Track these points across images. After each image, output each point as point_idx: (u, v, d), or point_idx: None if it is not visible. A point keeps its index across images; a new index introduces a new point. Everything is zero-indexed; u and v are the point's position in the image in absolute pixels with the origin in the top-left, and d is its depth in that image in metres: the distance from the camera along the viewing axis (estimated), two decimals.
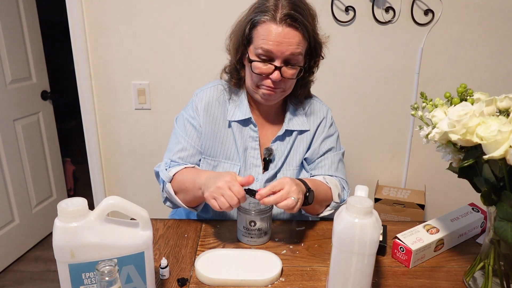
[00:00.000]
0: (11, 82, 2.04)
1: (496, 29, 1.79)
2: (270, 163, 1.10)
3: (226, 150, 1.10)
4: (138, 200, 2.09)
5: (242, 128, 1.09)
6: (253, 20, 0.98)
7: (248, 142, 1.10)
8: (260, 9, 0.97)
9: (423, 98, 0.80)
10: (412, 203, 1.82)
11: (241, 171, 1.09)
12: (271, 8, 0.96)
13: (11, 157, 2.08)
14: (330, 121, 1.16)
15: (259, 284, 0.82)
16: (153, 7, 1.79)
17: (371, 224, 0.68)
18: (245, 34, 1.00)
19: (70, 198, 0.66)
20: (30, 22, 2.14)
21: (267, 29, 0.95)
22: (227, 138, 1.10)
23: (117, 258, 0.67)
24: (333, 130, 1.17)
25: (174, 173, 1.05)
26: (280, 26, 0.94)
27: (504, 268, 0.76)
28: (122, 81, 1.90)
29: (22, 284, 2.03)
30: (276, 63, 0.97)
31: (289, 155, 1.12)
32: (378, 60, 1.85)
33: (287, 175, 1.11)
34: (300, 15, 0.95)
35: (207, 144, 1.10)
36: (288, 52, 0.95)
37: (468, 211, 1.03)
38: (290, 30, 0.95)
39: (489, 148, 0.64)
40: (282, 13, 0.94)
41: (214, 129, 1.09)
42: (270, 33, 0.95)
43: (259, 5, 0.99)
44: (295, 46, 0.96)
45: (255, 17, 0.97)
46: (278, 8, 0.95)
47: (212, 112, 1.09)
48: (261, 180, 1.09)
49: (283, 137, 1.11)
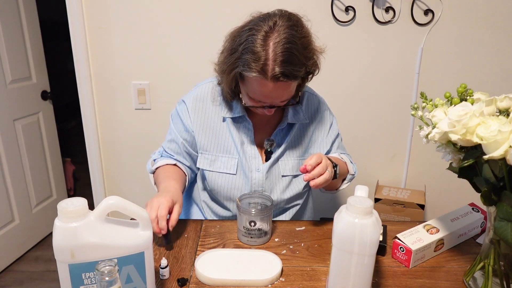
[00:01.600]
0: (11, 82, 2.04)
1: (496, 29, 1.79)
2: (271, 154, 1.11)
3: (222, 144, 1.11)
4: (138, 200, 2.08)
5: (237, 124, 1.11)
6: (241, 72, 0.91)
7: (244, 137, 1.11)
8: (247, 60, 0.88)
9: (423, 98, 0.80)
10: (412, 203, 1.82)
11: (241, 162, 1.10)
12: (261, 61, 0.86)
13: (11, 157, 2.08)
14: (326, 109, 1.19)
15: (259, 284, 0.82)
16: (153, 7, 1.79)
17: (371, 224, 0.68)
18: (235, 80, 0.98)
19: (70, 198, 0.66)
20: (30, 22, 2.14)
21: (257, 85, 0.91)
22: (222, 133, 1.11)
23: (117, 258, 0.67)
24: (331, 117, 1.20)
25: (157, 167, 1.13)
26: (271, 82, 0.89)
27: (504, 268, 0.76)
28: (122, 81, 1.90)
29: (22, 284, 2.03)
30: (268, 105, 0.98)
31: (290, 143, 1.13)
32: (378, 60, 1.85)
33: (289, 164, 1.13)
34: (294, 66, 0.88)
35: (202, 140, 1.11)
36: (280, 100, 0.97)
37: (468, 211, 1.03)
38: (282, 84, 0.90)
39: (489, 148, 0.64)
40: (274, 71, 0.86)
41: (207, 125, 1.11)
42: (261, 90, 0.92)
43: (247, 46, 0.88)
44: (287, 96, 0.96)
45: (242, 70, 0.90)
46: (268, 60, 0.86)
47: (204, 109, 1.11)
48: (262, 170, 1.10)
49: (284, 129, 1.13)
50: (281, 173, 1.12)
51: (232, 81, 0.99)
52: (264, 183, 1.10)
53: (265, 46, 0.87)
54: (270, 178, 1.11)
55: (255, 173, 1.10)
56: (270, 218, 0.98)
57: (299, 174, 1.14)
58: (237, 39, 0.92)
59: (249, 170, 1.10)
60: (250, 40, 0.88)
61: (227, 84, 1.01)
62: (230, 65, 0.94)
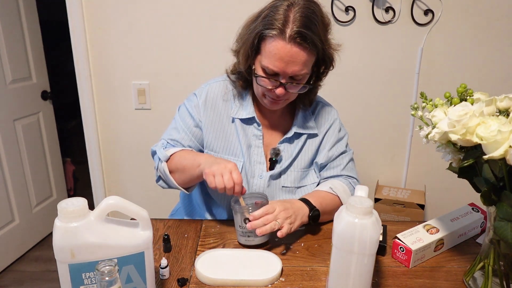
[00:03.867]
0: (11, 82, 2.04)
1: (496, 29, 1.79)
2: (276, 163, 1.10)
3: (229, 145, 1.09)
4: (138, 200, 2.09)
5: (246, 126, 1.09)
6: (261, 33, 0.94)
7: (252, 140, 1.09)
8: (269, 21, 0.92)
9: (423, 98, 0.80)
10: (412, 203, 1.82)
11: (245, 166, 1.09)
12: (281, 21, 0.90)
13: (11, 157, 2.08)
14: (339, 125, 1.16)
15: (259, 284, 0.82)
16: (153, 7, 1.79)
17: (371, 224, 0.68)
18: (254, 46, 0.97)
19: (70, 198, 0.66)
20: (30, 22, 2.14)
21: (274, 46, 0.92)
22: (230, 134, 1.09)
23: (117, 258, 0.67)
24: (343, 133, 1.17)
25: (172, 153, 1.06)
26: (288, 44, 0.90)
27: (504, 268, 0.76)
28: (122, 81, 1.90)
29: (22, 284, 2.03)
30: (281, 79, 0.96)
31: (297, 157, 1.11)
32: (378, 60, 1.85)
33: (292, 176, 1.11)
34: (311, 32, 0.90)
35: (209, 138, 1.09)
36: (294, 72, 0.94)
37: (468, 211, 1.03)
38: (298, 50, 0.91)
39: (489, 148, 0.64)
40: (293, 30, 0.89)
41: (216, 123, 1.09)
42: (278, 52, 0.92)
43: (269, 13, 0.93)
44: (301, 67, 0.93)
45: (263, 30, 0.93)
46: (289, 22, 0.90)
47: (214, 107, 1.09)
48: (265, 178, 1.09)
49: (291, 139, 1.11)
50: (281, 184, 1.11)
51: (250, 49, 0.98)
52: (265, 190, 1.09)
53: (287, 11, 0.91)
54: (271, 187, 1.10)
55: (257, 179, 1.09)
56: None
57: (301, 186, 1.12)
58: (259, 14, 0.97)
59: (252, 175, 1.09)
60: (272, 10, 0.93)
61: (244, 55, 1.00)
62: (252, 30, 0.97)
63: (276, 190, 1.11)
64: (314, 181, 1.14)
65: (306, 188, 1.12)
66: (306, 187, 1.13)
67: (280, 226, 0.91)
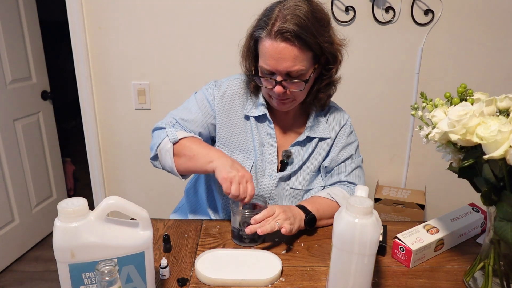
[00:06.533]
0: (11, 82, 2.04)
1: (496, 29, 1.79)
2: (286, 166, 1.10)
3: (242, 143, 1.09)
4: (138, 200, 2.09)
5: (259, 124, 1.09)
6: (255, 36, 0.97)
7: (265, 139, 1.09)
8: (260, 23, 0.95)
9: (423, 98, 0.80)
10: (412, 203, 1.82)
11: (256, 164, 1.09)
12: (270, 21, 0.92)
13: (11, 157, 2.08)
14: (350, 129, 1.15)
15: (259, 284, 0.82)
16: (153, 7, 1.79)
17: (371, 224, 0.68)
18: (250, 49, 1.00)
19: (70, 198, 0.66)
20: (30, 22, 2.14)
21: (264, 46, 0.94)
22: (244, 131, 1.09)
23: (117, 258, 0.67)
24: (352, 138, 1.15)
25: (182, 137, 1.04)
26: (275, 41, 0.91)
27: (504, 268, 0.76)
28: (122, 81, 1.90)
29: (22, 284, 2.02)
30: (276, 77, 0.96)
31: (307, 160, 1.11)
32: (378, 60, 1.85)
33: (301, 179, 1.11)
34: (298, 27, 0.90)
35: (222, 132, 1.09)
36: (286, 68, 0.93)
37: (468, 211, 1.03)
38: (285, 45, 0.91)
39: (489, 148, 0.64)
40: (278, 27, 0.90)
41: (230, 119, 1.09)
42: (267, 50, 0.93)
43: (261, 17, 0.96)
44: (292, 62, 0.92)
45: (255, 32, 0.96)
46: (276, 21, 0.91)
47: (231, 102, 1.09)
48: (274, 178, 1.09)
49: (303, 142, 1.11)
50: (290, 185, 1.11)
51: (247, 52, 1.01)
52: (273, 190, 1.10)
53: (277, 12, 0.93)
54: (280, 187, 1.10)
55: (266, 178, 1.09)
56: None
57: (309, 189, 1.13)
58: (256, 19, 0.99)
59: (262, 174, 1.09)
60: (264, 14, 0.96)
61: (245, 59, 1.03)
62: (249, 34, 0.99)
63: (284, 191, 1.11)
64: (321, 184, 1.14)
65: (314, 191, 1.13)
66: (313, 190, 1.13)
67: (281, 226, 0.91)
